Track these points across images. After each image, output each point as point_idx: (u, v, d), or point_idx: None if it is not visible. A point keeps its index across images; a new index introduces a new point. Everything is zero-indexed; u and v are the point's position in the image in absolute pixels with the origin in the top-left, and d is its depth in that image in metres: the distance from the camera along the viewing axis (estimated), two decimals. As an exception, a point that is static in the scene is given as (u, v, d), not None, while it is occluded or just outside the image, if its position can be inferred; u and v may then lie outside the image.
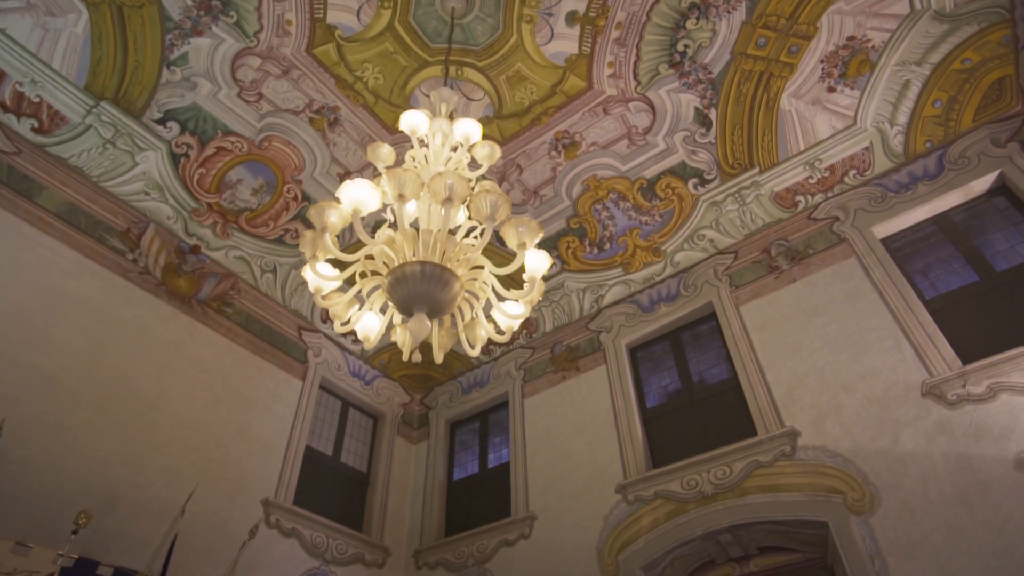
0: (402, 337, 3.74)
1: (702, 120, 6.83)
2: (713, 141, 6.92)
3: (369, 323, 3.67)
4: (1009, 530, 4.36)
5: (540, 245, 7.39)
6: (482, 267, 3.45)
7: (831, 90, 6.46)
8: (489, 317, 3.85)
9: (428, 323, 3.12)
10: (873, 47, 6.13)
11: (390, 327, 3.80)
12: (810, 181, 6.85)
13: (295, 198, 7.23)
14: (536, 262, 3.31)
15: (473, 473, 7.97)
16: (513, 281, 5.01)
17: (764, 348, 6.29)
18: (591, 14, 6.13)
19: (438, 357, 3.68)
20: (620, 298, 7.79)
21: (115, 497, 5.25)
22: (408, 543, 7.65)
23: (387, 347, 8.55)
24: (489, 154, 3.85)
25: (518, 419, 7.68)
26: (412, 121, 3.86)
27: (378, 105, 6.75)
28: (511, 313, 3.48)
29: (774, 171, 6.93)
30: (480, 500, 7.61)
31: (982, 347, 5.18)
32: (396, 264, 3.32)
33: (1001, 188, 5.92)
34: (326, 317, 8.01)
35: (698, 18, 6.16)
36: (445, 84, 4.79)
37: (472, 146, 3.88)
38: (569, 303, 8.10)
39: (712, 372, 6.76)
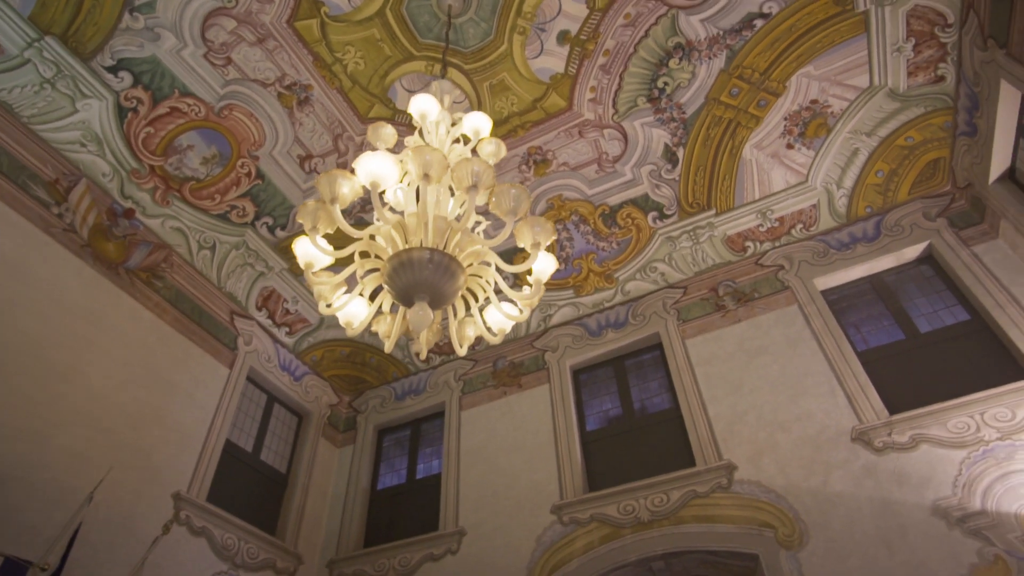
0: (385, 327, 3.55)
1: (670, 157, 7.08)
2: (677, 178, 7.17)
3: (356, 309, 3.45)
4: (924, 572, 4.68)
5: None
6: (488, 263, 3.35)
7: (789, 147, 6.88)
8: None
9: (431, 314, 2.97)
10: (832, 113, 6.60)
11: (377, 314, 3.59)
12: (760, 229, 7.23)
13: (248, 174, 6.80)
14: (544, 264, 3.25)
15: (399, 483, 7.68)
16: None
17: (707, 382, 6.50)
18: (582, 37, 6.24)
19: (423, 353, 3.52)
20: (569, 319, 7.85)
21: (7, 477, 4.62)
22: (323, 552, 7.23)
23: (321, 343, 8.15)
24: (495, 151, 3.77)
25: (454, 431, 7.50)
26: (423, 105, 3.72)
27: (354, 91, 6.51)
28: (509, 314, 3.39)
29: (729, 215, 7.26)
30: (405, 512, 7.33)
31: (907, 400, 5.60)
32: (400, 248, 3.15)
33: (928, 258, 6.49)
34: (261, 304, 7.54)
35: (681, 59, 6.40)
36: (443, 78, 4.67)
37: (479, 141, 3.78)
38: (516, 319, 8.05)
39: (654, 401, 6.90)
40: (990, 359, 5.57)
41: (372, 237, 3.27)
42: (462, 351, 3.54)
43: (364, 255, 3.40)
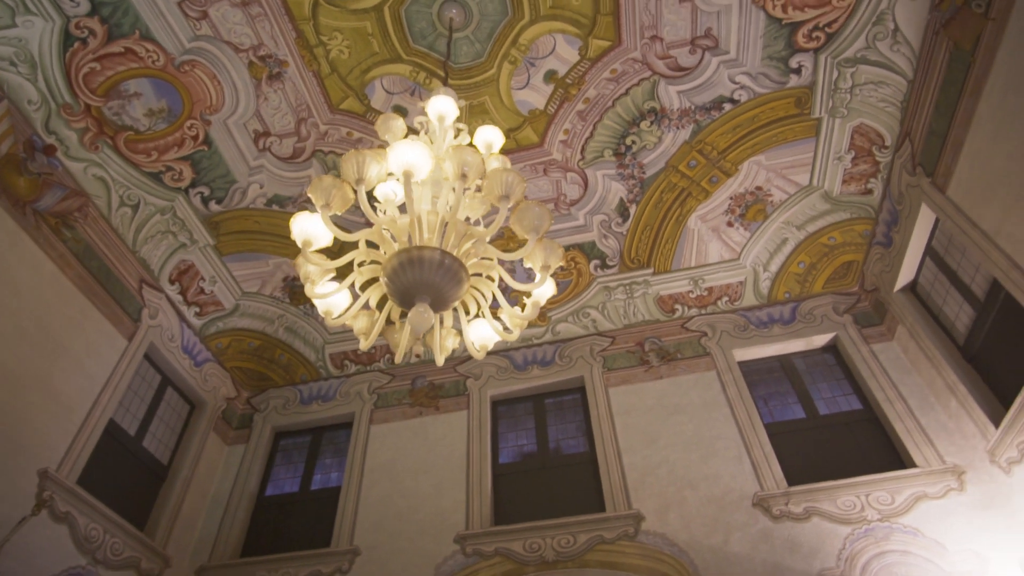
0: (362, 324, 3.38)
1: (622, 211, 7.38)
2: (624, 232, 7.47)
3: (339, 300, 3.26)
4: (806, 637, 5.00)
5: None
6: (492, 279, 3.30)
7: (730, 224, 7.40)
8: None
9: (432, 316, 2.88)
10: (771, 202, 7.20)
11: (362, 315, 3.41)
12: (690, 295, 7.65)
13: (195, 137, 6.32)
14: (546, 289, 3.26)
15: (291, 492, 7.19)
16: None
17: (625, 432, 6.69)
18: (567, 80, 6.45)
19: (398, 356, 3.38)
20: (496, 349, 7.83)
21: None
22: (193, 556, 6.57)
23: (230, 331, 7.59)
24: (500, 167, 3.76)
25: (360, 445, 7.17)
26: (442, 107, 3.66)
27: (331, 79, 6.29)
28: (500, 331, 3.34)
29: (665, 276, 7.64)
30: (294, 523, 6.85)
31: (804, 474, 6.04)
32: (409, 245, 3.04)
33: (833, 348, 7.14)
34: (175, 278, 6.93)
35: (652, 122, 6.76)
36: (445, 83, 4.63)
37: (489, 156, 3.76)
38: (442, 340, 7.92)
39: (570, 443, 6.99)
40: (877, 446, 6.16)
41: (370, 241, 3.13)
42: (439, 362, 3.44)
43: (371, 246, 3.24)
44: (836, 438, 6.33)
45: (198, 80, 6.04)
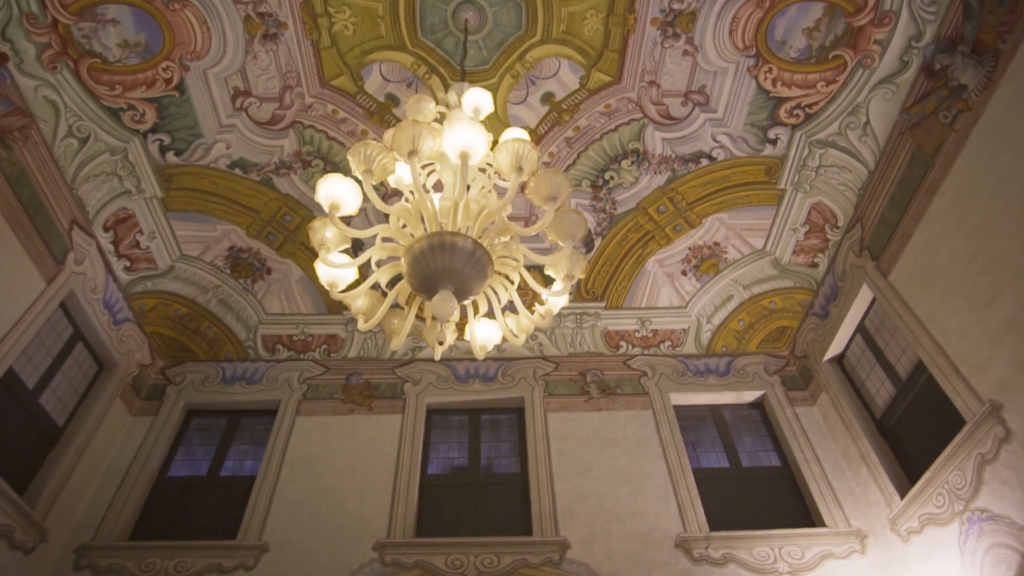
0: (365, 303, 3.22)
1: (587, 242, 7.52)
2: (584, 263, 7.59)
3: (346, 273, 3.09)
4: None
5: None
6: (512, 281, 3.24)
7: (684, 273, 7.71)
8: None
9: (456, 305, 2.79)
10: (725, 259, 7.58)
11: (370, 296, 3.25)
12: (636, 334, 7.87)
13: (168, 80, 5.87)
14: (562, 300, 3.24)
15: (197, 475, 6.64)
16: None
17: (559, 458, 6.70)
18: (563, 105, 6.55)
19: (395, 343, 3.24)
20: (439, 358, 7.66)
21: None
22: (76, 532, 5.89)
23: (157, 293, 7.00)
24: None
25: (283, 435, 6.76)
26: (479, 99, 3.61)
27: (329, 52, 6.06)
28: (510, 333, 3.28)
29: (615, 312, 7.82)
30: (197, 510, 6.31)
31: (725, 521, 6.27)
32: (434, 230, 2.94)
33: (760, 405, 7.53)
34: (111, 225, 6.34)
35: (633, 163, 6.98)
36: (462, 80, 4.57)
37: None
38: (383, 340, 7.69)
39: (502, 462, 6.92)
40: (791, 503, 6.52)
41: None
42: (437, 355, 3.32)
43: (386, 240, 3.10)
44: (755, 490, 6.64)
45: (186, 21, 5.64)
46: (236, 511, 6.22)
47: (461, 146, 2.77)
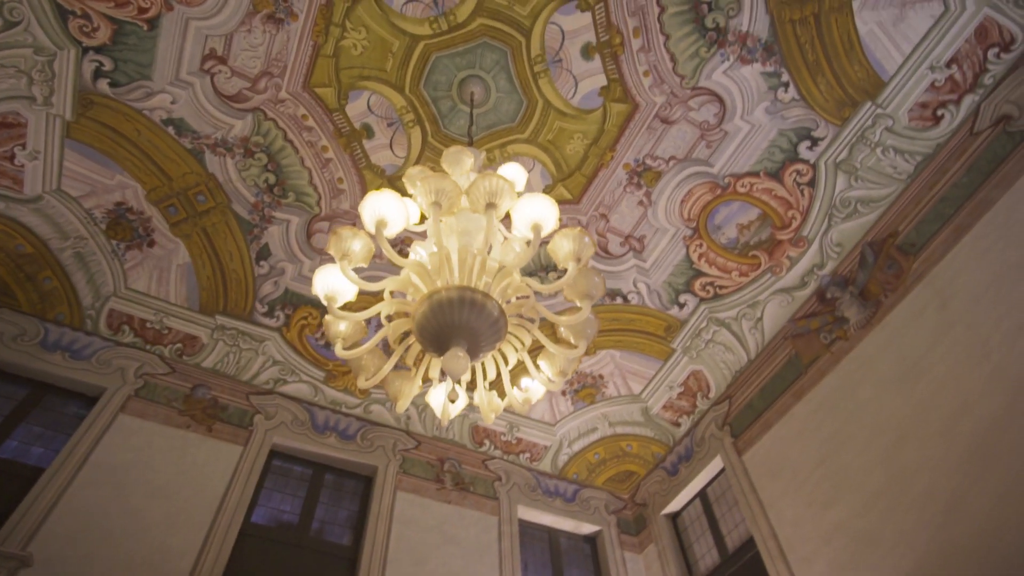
0: (368, 362, 2.99)
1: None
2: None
3: (345, 287, 2.87)
4: None
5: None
6: (528, 333, 3.20)
7: (563, 393, 7.99)
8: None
9: (468, 362, 2.70)
10: (604, 392, 7.99)
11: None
12: (502, 437, 7.88)
13: (143, 10, 5.25)
14: (540, 389, 3.23)
15: (-37, 448, 5.30)
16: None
17: (399, 542, 6.30)
18: (602, 38, 5.86)
19: (399, 407, 3.01)
20: (302, 397, 7.06)
21: None
22: None
23: (5, 219, 5.86)
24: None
25: (97, 429, 5.68)
26: (514, 173, 3.69)
27: (326, 60, 5.86)
28: (544, 382, 3.21)
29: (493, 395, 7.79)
30: (-52, 490, 4.99)
31: (540, 650, 6.18)
32: (451, 283, 2.87)
33: (594, 540, 7.74)
34: (-7, 126, 5.33)
35: (558, 278, 7.31)
36: (470, 146, 4.63)
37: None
38: (248, 359, 6.95)
39: (335, 530, 6.34)
40: (602, 646, 6.60)
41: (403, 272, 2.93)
42: (445, 423, 3.18)
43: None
44: (573, 625, 6.67)
45: (194, -34, 5.23)
46: (5, 508, 5.00)
47: (534, 218, 2.81)
